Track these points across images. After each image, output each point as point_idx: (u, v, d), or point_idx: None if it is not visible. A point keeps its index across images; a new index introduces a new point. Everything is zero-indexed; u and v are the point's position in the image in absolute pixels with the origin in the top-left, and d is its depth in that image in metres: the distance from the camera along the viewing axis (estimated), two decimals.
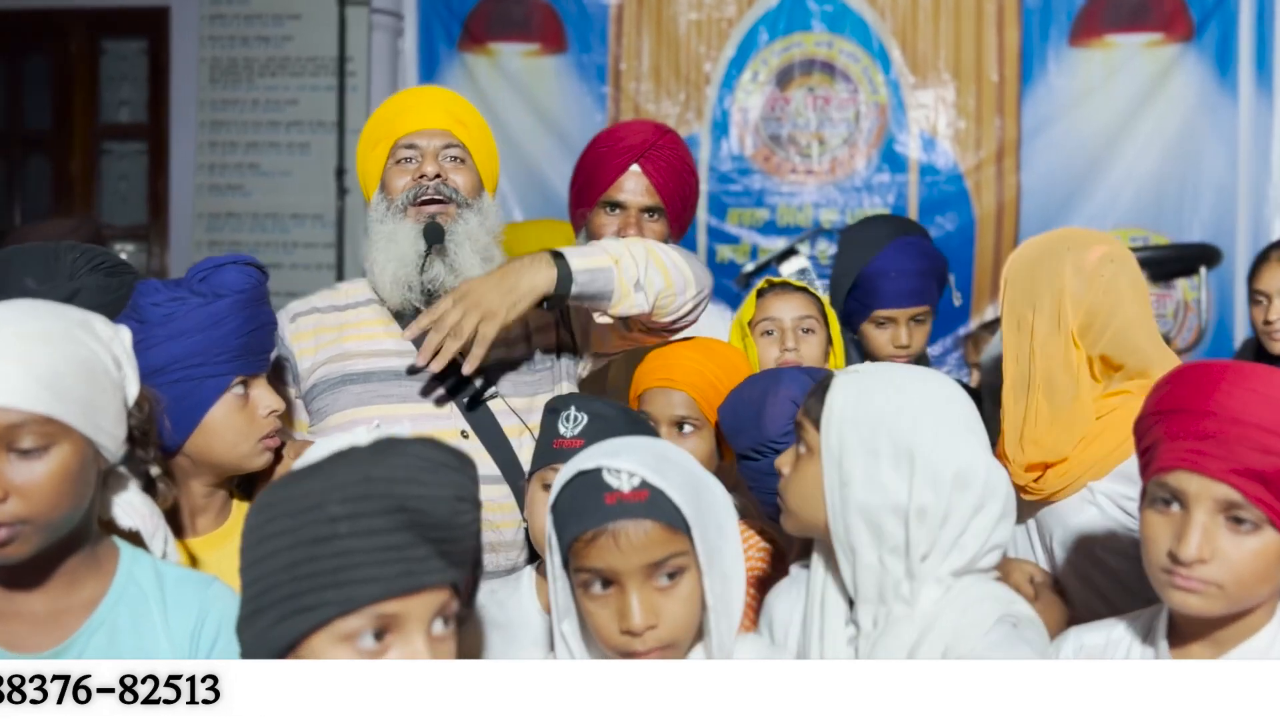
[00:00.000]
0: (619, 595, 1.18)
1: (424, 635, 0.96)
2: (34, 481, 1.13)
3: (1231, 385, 1.18)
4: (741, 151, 4.48)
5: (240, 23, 4.94)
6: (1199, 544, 1.16)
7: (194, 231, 5.08)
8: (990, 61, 4.38)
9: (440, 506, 0.95)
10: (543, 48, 4.53)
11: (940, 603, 1.27)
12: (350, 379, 1.82)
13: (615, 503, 1.17)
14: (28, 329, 1.16)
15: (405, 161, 1.88)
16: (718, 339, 1.93)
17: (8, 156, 5.38)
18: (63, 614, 1.21)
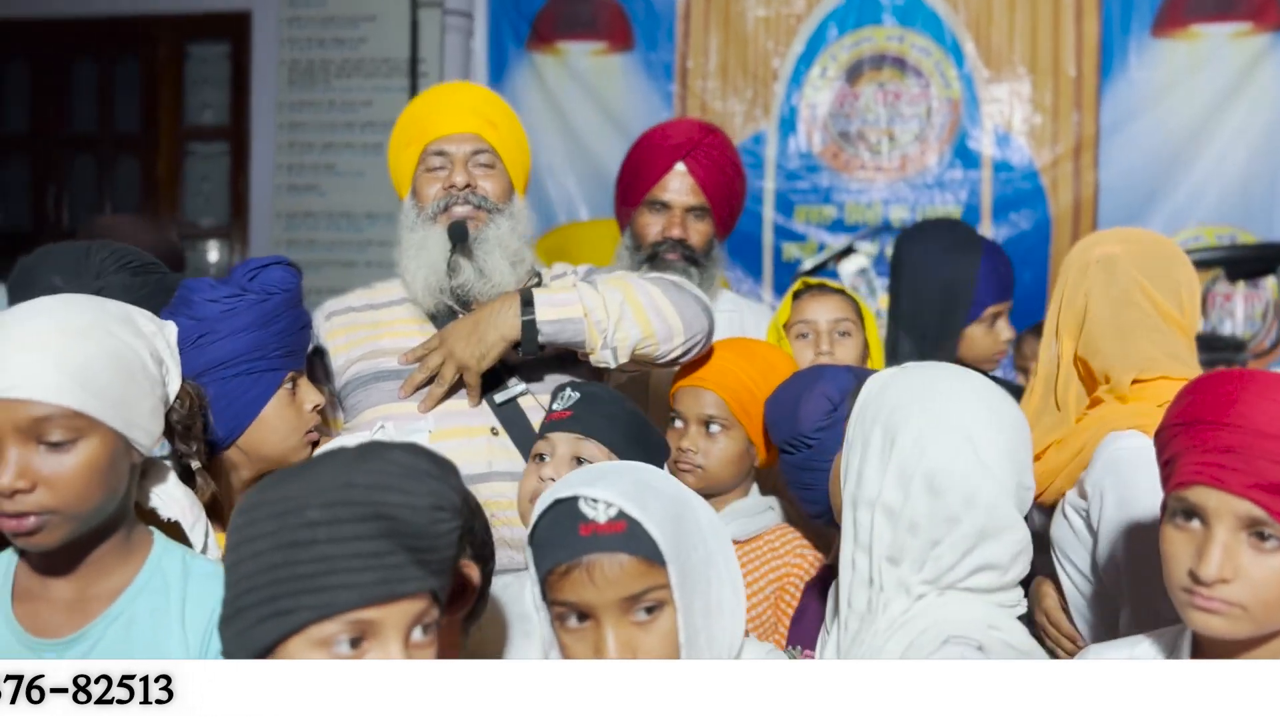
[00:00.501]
0: (595, 630, 1.15)
1: (400, 643, 0.96)
2: (62, 473, 1.16)
3: (1254, 396, 1.11)
4: (809, 148, 4.43)
5: (317, 25, 5.04)
6: (1220, 563, 1.09)
7: (273, 230, 5.20)
8: (1068, 54, 4.25)
9: (419, 515, 0.95)
10: (610, 46, 4.53)
11: (906, 614, 1.23)
12: (383, 376, 1.85)
13: (590, 535, 1.13)
14: (63, 323, 1.19)
15: (436, 169, 1.90)
16: (761, 340, 1.91)
17: (99, 157, 5.58)
18: (87, 601, 1.23)
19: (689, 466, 1.75)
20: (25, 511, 1.15)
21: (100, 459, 1.18)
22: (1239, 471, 1.09)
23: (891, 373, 1.32)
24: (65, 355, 1.16)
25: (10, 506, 1.15)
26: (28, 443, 1.15)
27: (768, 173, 4.42)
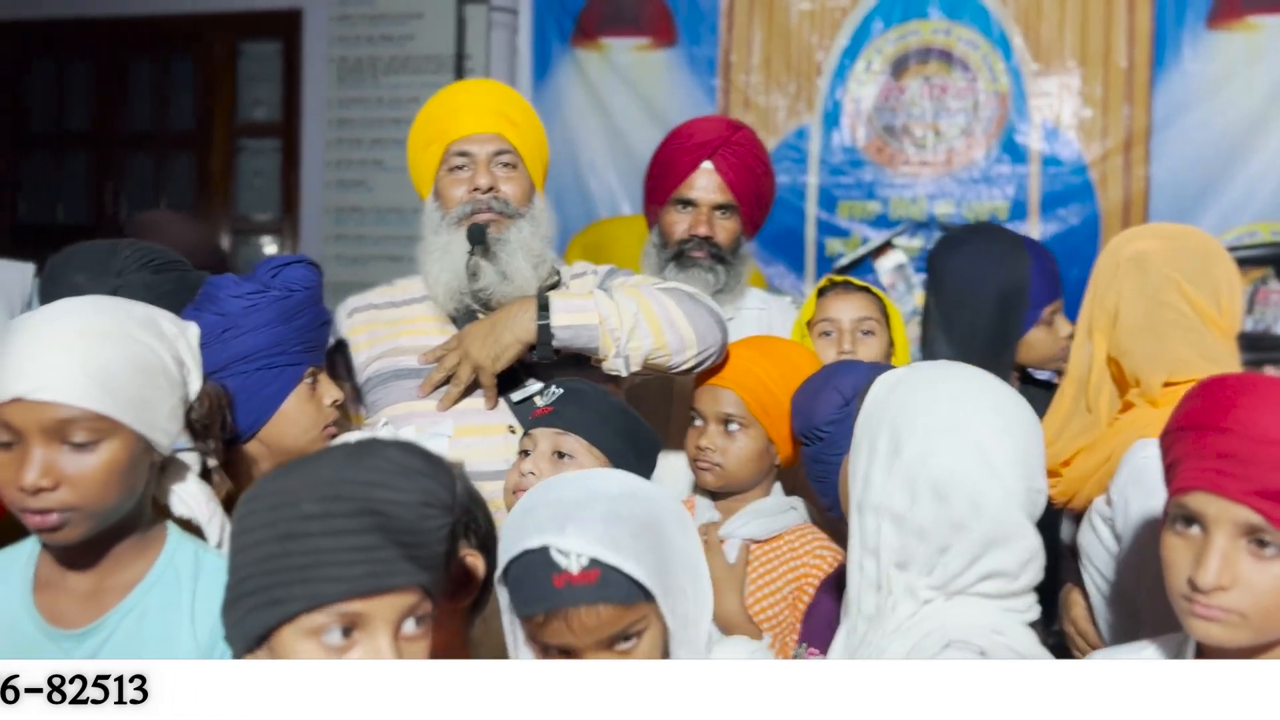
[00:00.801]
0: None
1: (389, 635, 0.98)
2: (84, 473, 1.20)
3: (1255, 401, 1.09)
4: (853, 143, 4.39)
5: (366, 23, 5.10)
6: (1218, 570, 1.08)
7: (323, 225, 5.28)
8: (1120, 46, 4.17)
9: (408, 511, 0.96)
10: (653, 41, 4.53)
11: (912, 618, 1.22)
12: (402, 374, 1.87)
13: (564, 586, 1.12)
14: (88, 327, 1.22)
15: (458, 170, 1.91)
16: (784, 338, 1.91)
17: (155, 154, 5.69)
18: (103, 593, 1.27)
19: (707, 465, 1.75)
20: (49, 508, 1.19)
21: (121, 459, 1.22)
22: (1238, 478, 1.07)
23: (900, 373, 1.30)
24: (90, 359, 1.20)
25: (35, 503, 1.19)
26: (52, 442, 1.19)
27: (811, 168, 4.39)
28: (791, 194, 4.41)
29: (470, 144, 1.90)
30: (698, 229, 2.11)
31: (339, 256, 5.23)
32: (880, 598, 1.25)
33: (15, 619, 1.26)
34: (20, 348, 1.21)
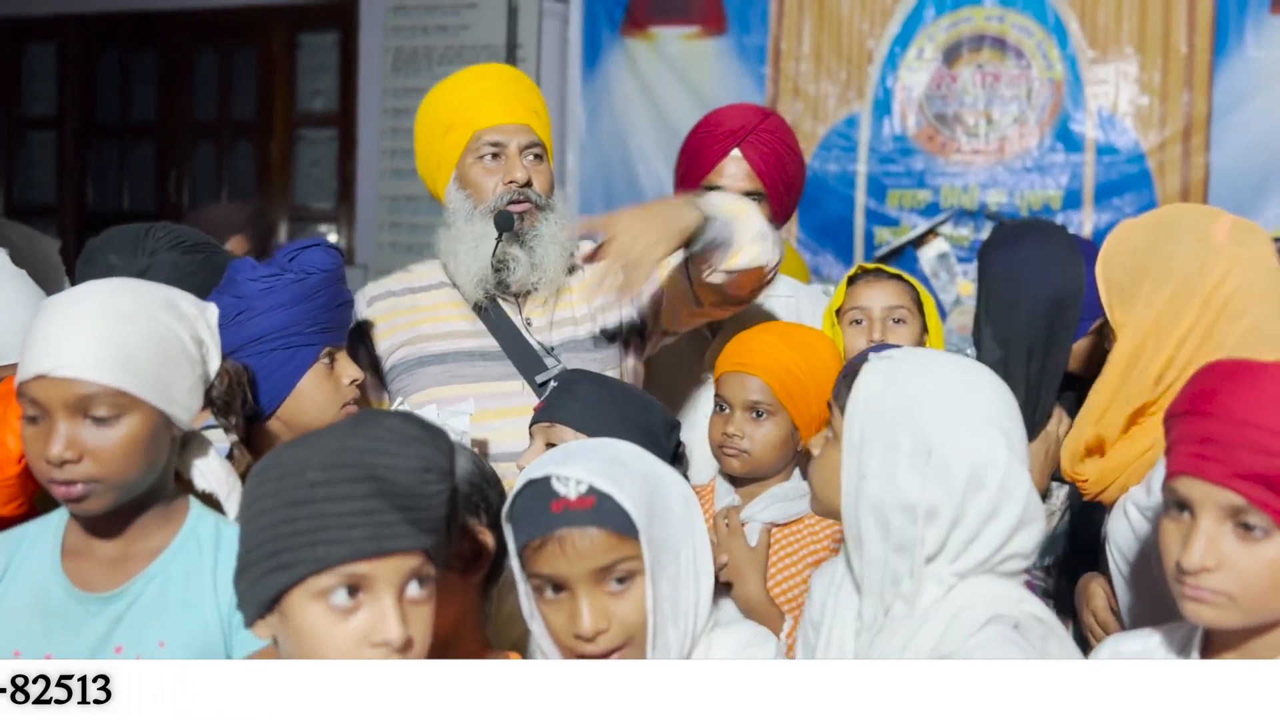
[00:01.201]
0: (570, 600, 1.19)
1: (393, 596, 1.02)
2: (106, 446, 1.26)
3: (1237, 385, 1.10)
4: (904, 131, 4.35)
5: (420, 14, 5.16)
6: (1202, 552, 1.09)
7: (377, 214, 5.36)
8: (1179, 32, 4.08)
9: (407, 477, 1.00)
10: (703, 30, 4.53)
11: (940, 602, 1.23)
12: (427, 360, 1.90)
13: (561, 510, 1.17)
14: (109, 308, 1.28)
15: (489, 158, 1.90)
16: (804, 325, 1.91)
17: (218, 143, 5.82)
18: (127, 560, 1.33)
19: (734, 451, 1.77)
20: (73, 480, 1.25)
21: (141, 433, 1.28)
22: (1219, 461, 1.08)
23: (885, 363, 1.29)
24: (110, 338, 1.26)
25: (60, 475, 1.25)
26: (75, 417, 1.25)
27: (860, 156, 4.36)
28: (841, 182, 4.39)
29: (501, 134, 1.90)
30: None
31: (394, 244, 5.31)
32: (901, 589, 1.25)
33: (45, 583, 1.33)
34: (46, 328, 1.27)
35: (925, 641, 1.22)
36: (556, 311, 1.95)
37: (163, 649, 1.31)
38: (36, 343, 1.26)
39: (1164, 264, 1.56)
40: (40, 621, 1.31)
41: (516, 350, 1.88)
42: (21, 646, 1.30)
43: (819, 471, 1.33)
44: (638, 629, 1.20)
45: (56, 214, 6.06)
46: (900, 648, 1.23)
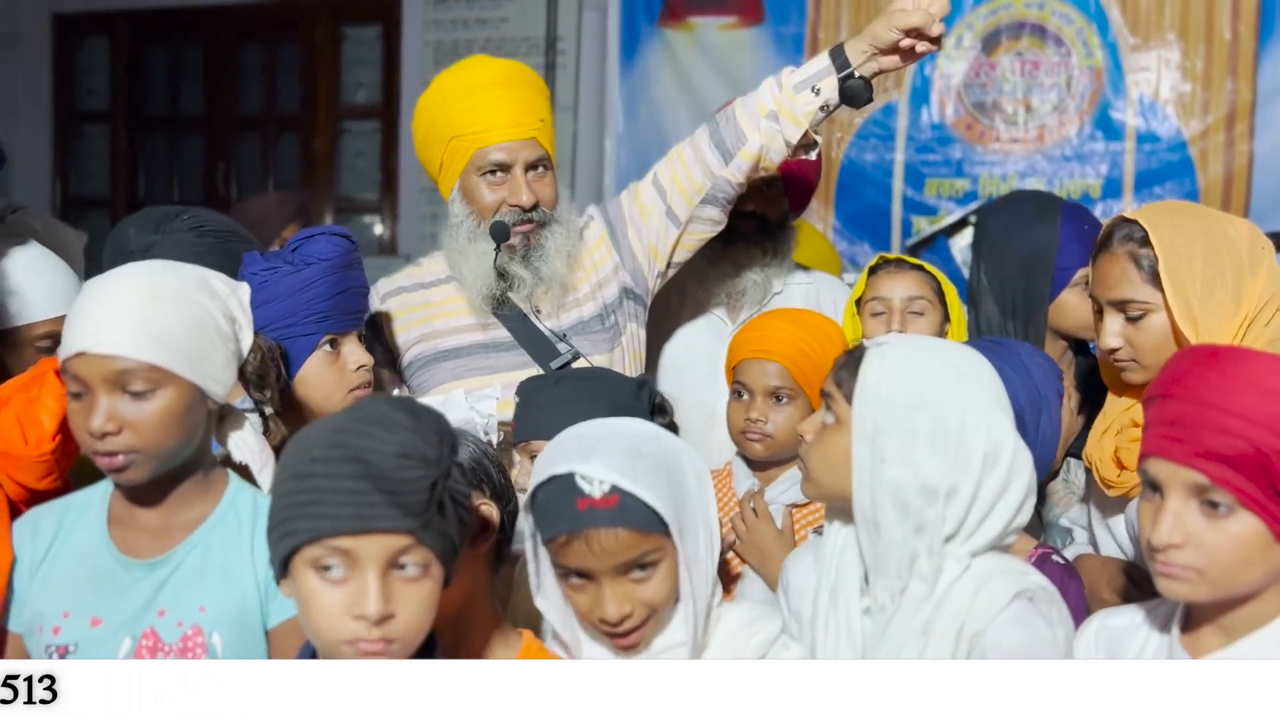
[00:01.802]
0: (595, 588, 1.24)
1: (376, 572, 1.06)
2: (143, 418, 1.33)
3: (1202, 368, 1.14)
4: (942, 120, 4.34)
5: (461, 7, 5.22)
6: (1169, 529, 1.13)
7: (419, 205, 5.43)
8: (1223, 18, 4.03)
9: (386, 460, 1.05)
10: (740, 20, 4.55)
11: (958, 580, 1.28)
12: (443, 355, 1.95)
13: (586, 509, 1.21)
14: (144, 288, 1.36)
15: (493, 174, 1.90)
16: (810, 310, 1.94)
17: (264, 136, 5.93)
18: (170, 530, 1.41)
19: (757, 436, 1.80)
20: (114, 451, 1.33)
21: (176, 406, 1.35)
22: (1183, 441, 1.12)
23: (889, 349, 1.33)
24: (145, 316, 1.34)
25: (101, 446, 1.33)
26: (115, 392, 1.32)
27: (898, 144, 4.36)
28: (878, 171, 4.39)
29: (506, 152, 1.89)
30: (746, 205, 2.14)
31: (436, 234, 5.34)
32: (918, 569, 1.28)
33: (94, 549, 1.40)
34: (86, 308, 1.35)
35: (949, 620, 1.26)
36: (563, 296, 1.99)
37: (203, 614, 1.37)
38: (78, 322, 1.34)
39: (1218, 263, 1.57)
40: (89, 585, 1.38)
41: (528, 339, 1.93)
42: (71, 608, 1.38)
43: (820, 456, 1.36)
44: (660, 605, 1.26)
45: (110, 205, 6.21)
46: (922, 626, 1.27)
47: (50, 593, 1.39)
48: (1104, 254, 1.64)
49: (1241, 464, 1.10)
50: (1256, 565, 1.13)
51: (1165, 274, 1.55)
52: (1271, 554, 1.13)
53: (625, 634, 1.24)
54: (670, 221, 1.96)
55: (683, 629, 1.27)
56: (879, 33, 1.79)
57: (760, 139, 1.88)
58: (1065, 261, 2.06)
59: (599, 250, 2.01)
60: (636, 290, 2.02)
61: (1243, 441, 1.10)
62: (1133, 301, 1.59)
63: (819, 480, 1.36)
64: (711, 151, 1.92)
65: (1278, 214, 3.99)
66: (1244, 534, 1.12)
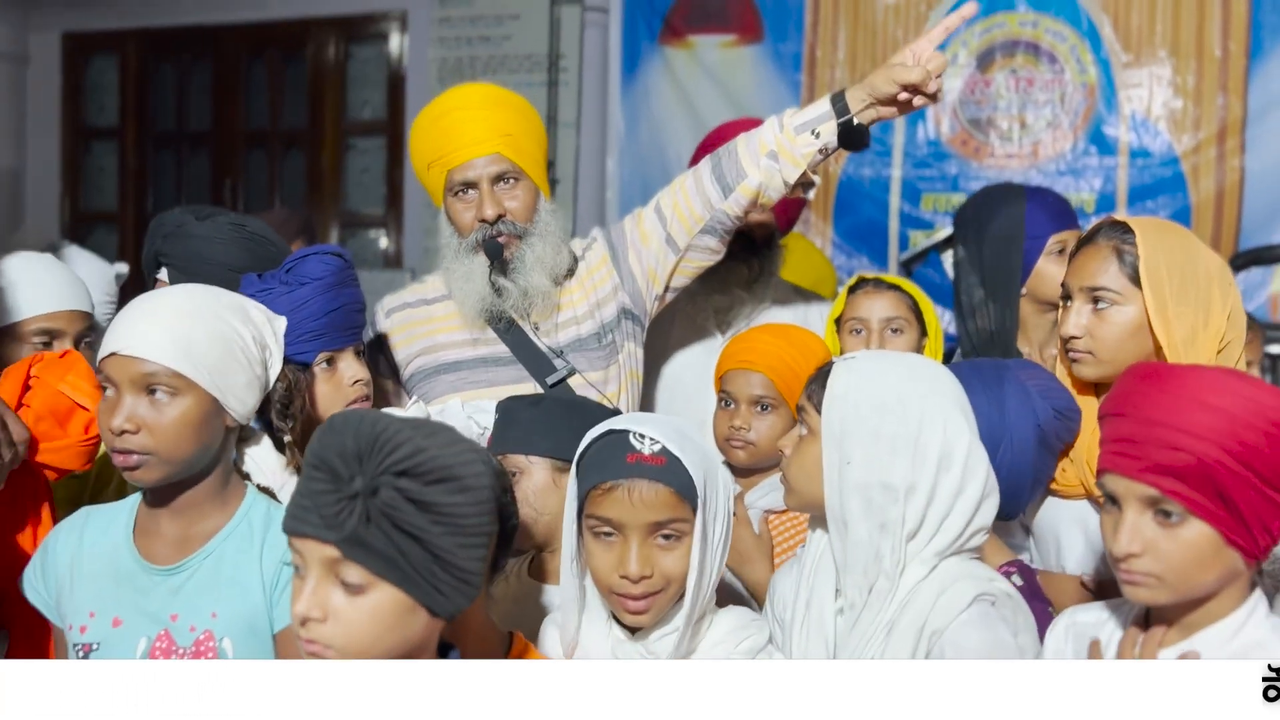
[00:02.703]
0: (622, 544, 1.32)
1: (315, 577, 1.10)
2: (161, 421, 1.41)
3: (1147, 388, 1.22)
4: (938, 136, 4.41)
5: (466, 25, 5.30)
6: (1128, 540, 1.21)
7: (423, 219, 5.50)
8: (1214, 35, 4.09)
9: (307, 468, 1.10)
10: (739, 38, 4.62)
11: (923, 581, 1.34)
12: (444, 368, 2.02)
13: (635, 462, 1.31)
14: (180, 304, 1.46)
15: (463, 193, 1.99)
16: (794, 325, 2.00)
17: (269, 151, 6.01)
18: (188, 540, 1.49)
19: (741, 443, 1.86)
20: (130, 449, 1.41)
21: (193, 414, 1.43)
22: (1135, 457, 1.20)
23: (855, 363, 1.41)
24: (174, 327, 1.43)
25: (119, 444, 1.41)
26: (138, 393, 1.41)
27: (895, 160, 4.42)
28: (875, 187, 4.45)
29: (470, 170, 1.97)
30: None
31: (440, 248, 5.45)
32: (884, 568, 1.34)
33: (118, 553, 1.48)
34: (125, 316, 1.46)
35: (912, 618, 1.32)
36: (560, 313, 2.06)
37: (215, 619, 1.44)
38: (115, 328, 1.45)
39: (1204, 284, 1.65)
40: (112, 586, 1.47)
41: (526, 354, 2.00)
42: (96, 609, 1.46)
43: (798, 467, 1.44)
44: (673, 581, 1.34)
45: (118, 220, 6.30)
46: (887, 623, 1.33)
47: (80, 592, 1.47)
48: (1088, 246, 1.71)
49: (1189, 475, 1.18)
50: (1210, 567, 1.20)
51: (1145, 271, 1.62)
52: (1223, 556, 1.20)
53: (639, 598, 1.31)
54: (669, 248, 2.03)
55: (680, 616, 1.35)
56: (878, 84, 1.87)
57: (760, 176, 1.96)
58: (1035, 231, 2.17)
59: (600, 270, 2.08)
60: (635, 311, 2.08)
61: (1189, 455, 1.17)
62: (1106, 290, 1.65)
63: (798, 489, 1.43)
64: (712, 184, 1.99)
65: (1270, 228, 4.05)
66: (1196, 539, 1.19)
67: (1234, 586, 1.23)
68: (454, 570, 1.11)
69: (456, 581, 1.11)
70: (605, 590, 1.36)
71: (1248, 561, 1.22)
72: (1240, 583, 1.24)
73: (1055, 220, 2.20)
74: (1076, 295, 1.68)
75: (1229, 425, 1.17)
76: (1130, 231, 1.65)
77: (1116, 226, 1.68)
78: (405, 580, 1.09)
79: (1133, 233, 1.65)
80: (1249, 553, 1.20)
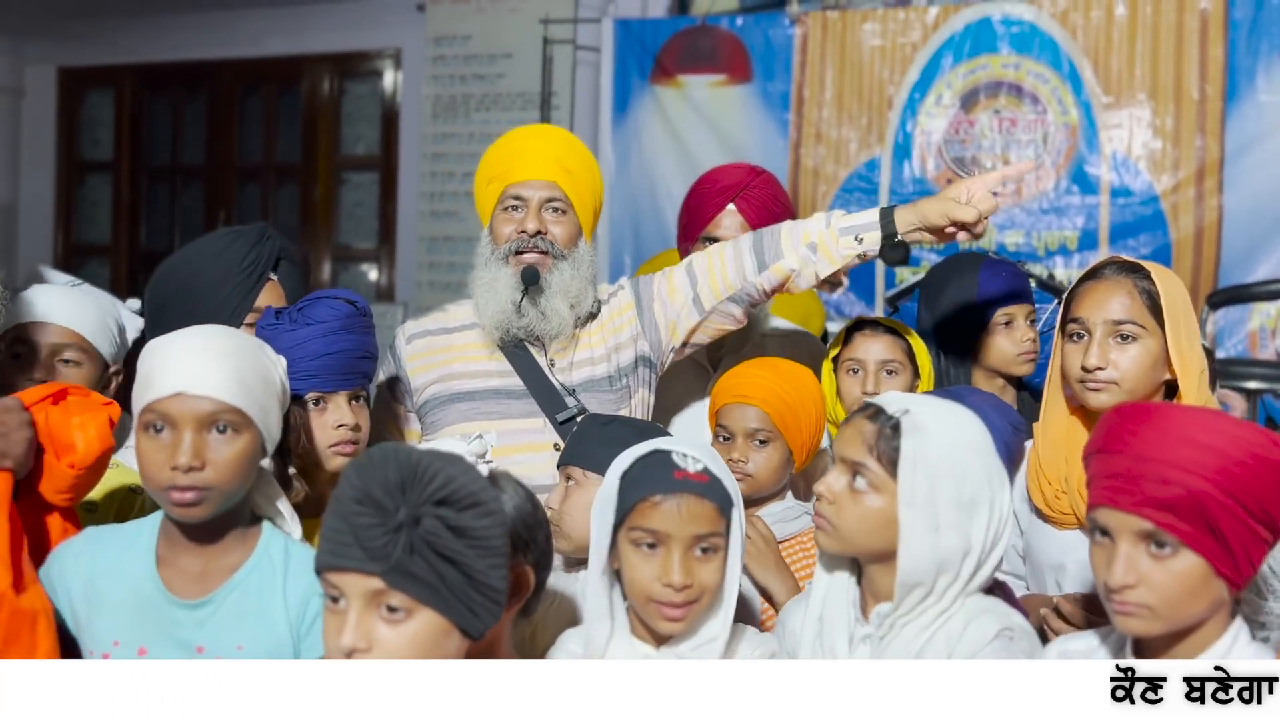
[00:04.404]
0: (664, 555, 1.41)
1: (357, 609, 1.16)
2: (224, 457, 1.45)
3: (1141, 426, 1.27)
4: (923, 174, 4.50)
5: (459, 63, 5.38)
6: (1122, 572, 1.25)
7: (416, 253, 5.56)
8: (1191, 78, 4.20)
9: (348, 504, 1.15)
10: (729, 78, 4.71)
11: (949, 615, 1.40)
12: (458, 397, 2.05)
13: (682, 479, 1.41)
14: (228, 342, 1.50)
15: (512, 210, 2.06)
16: (786, 359, 2.05)
17: (263, 185, 6.07)
18: (210, 573, 1.51)
19: (740, 475, 1.90)
20: (193, 486, 1.43)
21: (249, 450, 1.47)
22: (1129, 492, 1.25)
23: (929, 425, 1.44)
24: (232, 365, 1.47)
25: (183, 480, 1.43)
26: (202, 430, 1.44)
27: (881, 198, 4.50)
28: None
29: (525, 188, 2.05)
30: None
31: (432, 282, 5.50)
32: (933, 610, 1.40)
33: (141, 584, 1.50)
34: (178, 355, 1.47)
35: (939, 647, 1.39)
36: (577, 353, 2.10)
37: (240, 651, 1.47)
38: (171, 367, 1.46)
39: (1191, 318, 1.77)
40: (135, 618, 1.48)
41: (539, 390, 2.04)
42: (120, 638, 1.48)
43: (854, 519, 1.44)
44: (707, 592, 1.42)
45: (111, 253, 6.34)
46: (914, 654, 1.39)
47: (101, 621, 1.49)
48: (1100, 282, 1.76)
49: (1181, 508, 1.23)
50: (1200, 597, 1.25)
51: (1166, 307, 1.71)
52: (1212, 586, 1.25)
53: (678, 605, 1.40)
54: (695, 308, 2.10)
55: (717, 623, 1.44)
56: (930, 215, 1.96)
57: (795, 262, 2.04)
58: (984, 301, 2.29)
59: (622, 317, 2.14)
60: (652, 359, 2.15)
61: (1180, 489, 1.23)
62: (1132, 323, 1.71)
63: (852, 540, 1.45)
64: (750, 256, 2.07)
65: (1248, 266, 4.15)
66: (1187, 570, 1.24)
67: (1218, 615, 1.28)
68: (485, 590, 1.18)
69: (487, 601, 1.18)
70: (643, 599, 1.42)
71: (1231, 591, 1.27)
72: (1223, 612, 1.29)
73: (1004, 292, 2.30)
74: (1097, 328, 1.72)
75: (1217, 460, 1.23)
76: (1141, 269, 1.74)
77: (1124, 265, 1.76)
78: (444, 604, 1.15)
79: (1145, 270, 1.73)
80: (1233, 582, 1.25)
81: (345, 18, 5.69)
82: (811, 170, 4.61)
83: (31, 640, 1.45)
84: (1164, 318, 1.69)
